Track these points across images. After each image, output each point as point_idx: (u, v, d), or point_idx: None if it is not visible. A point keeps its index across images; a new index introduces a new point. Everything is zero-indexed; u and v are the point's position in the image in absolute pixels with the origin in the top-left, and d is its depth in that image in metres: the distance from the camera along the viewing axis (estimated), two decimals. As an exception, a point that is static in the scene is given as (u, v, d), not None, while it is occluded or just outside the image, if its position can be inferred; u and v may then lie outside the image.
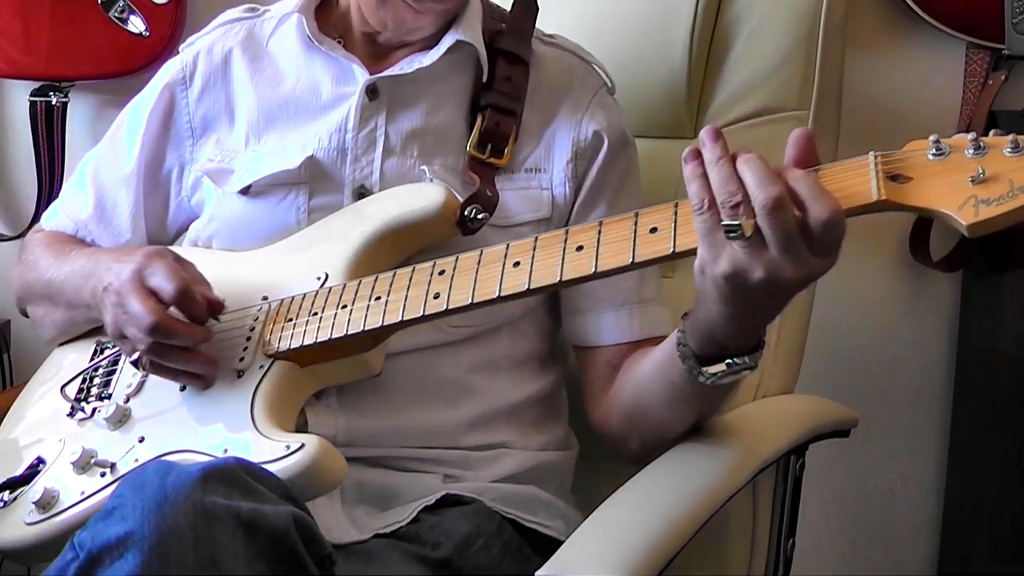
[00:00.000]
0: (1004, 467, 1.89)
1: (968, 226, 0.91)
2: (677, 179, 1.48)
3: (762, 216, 0.94)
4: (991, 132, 0.95)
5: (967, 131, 1.79)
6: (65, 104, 2.07)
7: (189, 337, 1.18)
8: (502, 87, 1.32)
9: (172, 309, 1.18)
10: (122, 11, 2.00)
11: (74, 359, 1.38)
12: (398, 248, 1.25)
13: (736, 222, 0.95)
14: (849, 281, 1.97)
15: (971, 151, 0.93)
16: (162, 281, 1.18)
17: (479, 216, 1.24)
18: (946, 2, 1.82)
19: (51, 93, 2.07)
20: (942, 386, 2.00)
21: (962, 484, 1.96)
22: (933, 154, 0.94)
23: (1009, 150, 0.92)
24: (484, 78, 1.33)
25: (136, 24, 1.99)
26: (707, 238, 0.98)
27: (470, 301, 1.11)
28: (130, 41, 1.99)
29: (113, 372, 1.31)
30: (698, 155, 0.99)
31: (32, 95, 2.07)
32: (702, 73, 1.53)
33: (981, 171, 0.91)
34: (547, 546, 1.14)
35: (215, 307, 1.21)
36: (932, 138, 0.95)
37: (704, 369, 1.09)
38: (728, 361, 1.07)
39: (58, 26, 2.03)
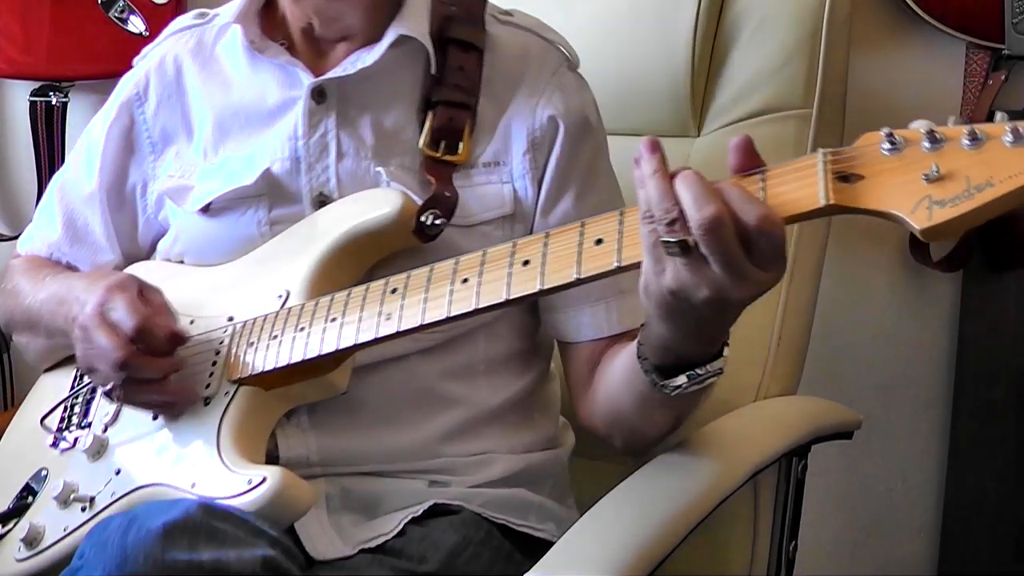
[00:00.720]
0: (1004, 467, 1.89)
1: (922, 231, 0.84)
2: (679, 179, 1.50)
3: (699, 235, 0.90)
4: (950, 120, 0.88)
5: (967, 131, 1.82)
6: (65, 104, 2.07)
7: (157, 369, 1.17)
8: (454, 79, 1.26)
9: None
10: (122, 11, 2.00)
11: (57, 386, 1.37)
12: (358, 258, 1.22)
13: (674, 239, 0.91)
14: (849, 282, 1.97)
15: (927, 144, 0.86)
16: (122, 316, 1.16)
17: (437, 222, 1.20)
18: (946, 2, 1.82)
19: (51, 93, 2.07)
20: (942, 386, 2.00)
21: (962, 484, 1.96)
22: (887, 148, 0.88)
23: (967, 143, 0.85)
24: (433, 71, 1.27)
25: (136, 24, 1.99)
26: (652, 250, 0.94)
27: (420, 322, 1.08)
28: (130, 41, 1.99)
29: (92, 399, 1.30)
30: None
31: (32, 95, 2.07)
32: (705, 72, 1.53)
33: (935, 168, 0.85)
34: (541, 549, 1.11)
35: (177, 339, 1.18)
36: (884, 131, 0.88)
37: (667, 382, 1.05)
38: (689, 373, 1.04)
39: (58, 26, 2.03)
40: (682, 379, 1.05)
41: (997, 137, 0.84)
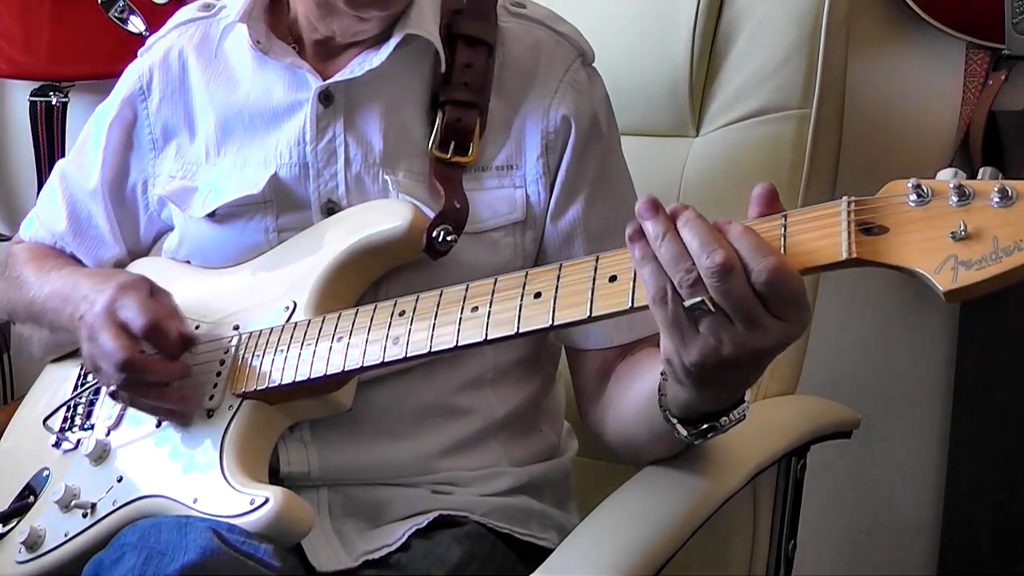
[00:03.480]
0: (1004, 467, 1.89)
1: (945, 293, 0.82)
2: (678, 178, 1.50)
3: (711, 285, 0.88)
4: (980, 172, 0.85)
5: (967, 132, 1.81)
6: (65, 104, 2.07)
7: (162, 374, 1.16)
8: (462, 77, 1.23)
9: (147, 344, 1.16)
10: (122, 11, 2.00)
11: (61, 382, 1.36)
12: (365, 271, 1.21)
13: (698, 298, 0.89)
14: (850, 281, 1.97)
15: (954, 199, 0.84)
16: (133, 315, 1.15)
17: (448, 238, 1.17)
18: (946, 2, 1.82)
19: (51, 93, 2.07)
20: (942, 386, 2.00)
21: (962, 484, 1.96)
22: (913, 200, 0.85)
23: (996, 200, 0.83)
24: (442, 68, 1.24)
25: (136, 24, 1.99)
26: (673, 328, 0.91)
27: (428, 349, 1.07)
28: (130, 41, 1.98)
29: (96, 401, 1.29)
30: (643, 234, 0.91)
31: (32, 95, 2.08)
32: (704, 71, 1.53)
33: (963, 226, 0.82)
34: (543, 559, 1.09)
35: (188, 342, 1.17)
36: (911, 182, 0.85)
37: (691, 431, 1.03)
38: (713, 424, 1.02)
39: (58, 26, 2.03)
40: (704, 431, 1.03)
41: None
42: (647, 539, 1.07)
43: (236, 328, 1.22)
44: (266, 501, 1.08)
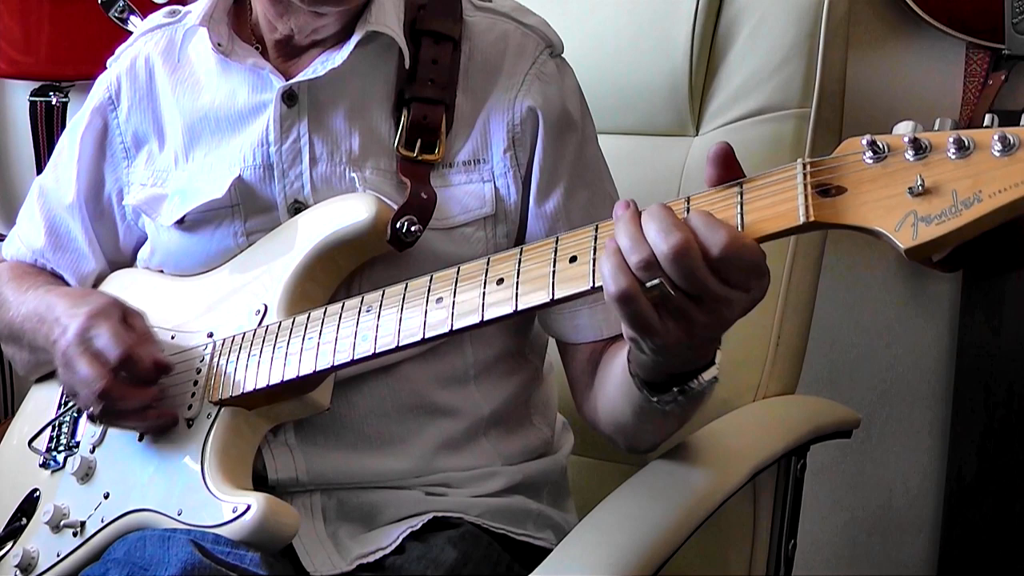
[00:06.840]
0: (1004, 467, 1.89)
1: (907, 250, 0.81)
2: (678, 177, 1.50)
3: (668, 267, 0.89)
4: (936, 122, 0.83)
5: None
6: (65, 104, 2.08)
7: (139, 400, 1.16)
8: (428, 73, 1.21)
9: None
10: (122, 11, 2.00)
11: (45, 402, 1.36)
12: (334, 268, 1.20)
13: (657, 280, 0.89)
14: (849, 281, 1.97)
15: (911, 153, 0.82)
16: (106, 344, 1.15)
17: (412, 228, 1.16)
18: (946, 2, 1.82)
19: (51, 93, 2.07)
20: (942, 386, 2.00)
21: (962, 484, 1.96)
22: (869, 157, 0.84)
23: (953, 152, 0.81)
24: (406, 65, 1.22)
25: (136, 24, 1.99)
26: (638, 323, 0.92)
27: (396, 344, 1.06)
28: (130, 41, 1.99)
29: (79, 419, 1.29)
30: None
31: (32, 95, 2.08)
32: (703, 71, 1.52)
33: (920, 180, 0.80)
34: (540, 558, 1.09)
35: (162, 368, 1.17)
36: (866, 139, 0.84)
37: (661, 397, 1.03)
38: (681, 388, 1.02)
39: (58, 26, 2.03)
40: (675, 394, 1.03)
41: (985, 146, 0.80)
42: (646, 539, 1.07)
43: (210, 335, 1.21)
44: (248, 508, 1.08)
